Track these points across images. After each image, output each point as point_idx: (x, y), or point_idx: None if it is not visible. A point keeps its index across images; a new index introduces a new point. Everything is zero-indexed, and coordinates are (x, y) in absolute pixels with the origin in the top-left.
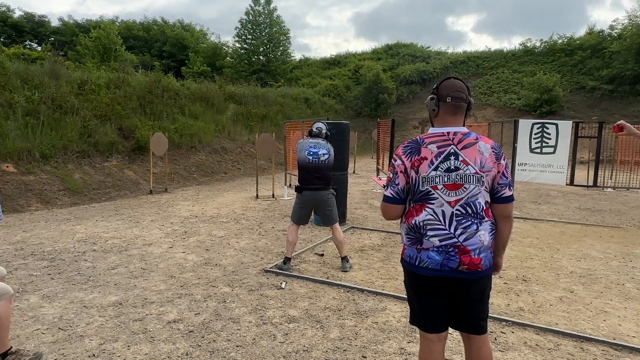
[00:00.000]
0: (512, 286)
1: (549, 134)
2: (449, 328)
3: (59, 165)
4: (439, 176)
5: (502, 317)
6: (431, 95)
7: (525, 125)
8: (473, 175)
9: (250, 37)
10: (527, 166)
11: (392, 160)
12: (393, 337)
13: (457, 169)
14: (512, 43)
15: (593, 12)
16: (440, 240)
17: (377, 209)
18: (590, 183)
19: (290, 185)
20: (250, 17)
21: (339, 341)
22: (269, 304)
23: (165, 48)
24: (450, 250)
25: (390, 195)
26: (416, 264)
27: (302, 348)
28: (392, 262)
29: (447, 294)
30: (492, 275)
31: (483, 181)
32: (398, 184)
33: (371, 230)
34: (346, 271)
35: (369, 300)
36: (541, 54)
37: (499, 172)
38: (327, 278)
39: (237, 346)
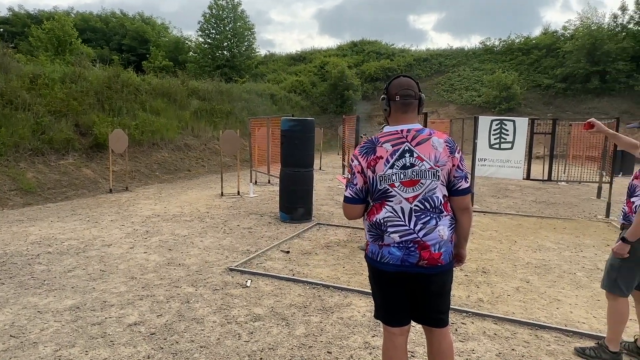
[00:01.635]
0: (473, 278)
1: (507, 131)
2: (412, 321)
3: (10, 164)
4: (396, 174)
5: (463, 309)
6: (382, 95)
7: (484, 122)
8: (428, 171)
9: (214, 31)
10: (487, 161)
11: (350, 161)
12: (358, 331)
13: (412, 165)
14: (471, 42)
15: (545, 14)
16: (400, 237)
17: (340, 206)
18: (546, 177)
19: (256, 182)
20: (214, 11)
21: (304, 338)
22: (234, 303)
23: (125, 41)
24: (410, 245)
25: (350, 196)
26: (378, 259)
27: (268, 346)
28: (358, 257)
29: (409, 288)
30: (455, 267)
31: (439, 175)
32: (356, 184)
33: (337, 226)
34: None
35: (334, 296)
36: (500, 53)
37: (453, 165)
38: (293, 275)
39: (201, 347)
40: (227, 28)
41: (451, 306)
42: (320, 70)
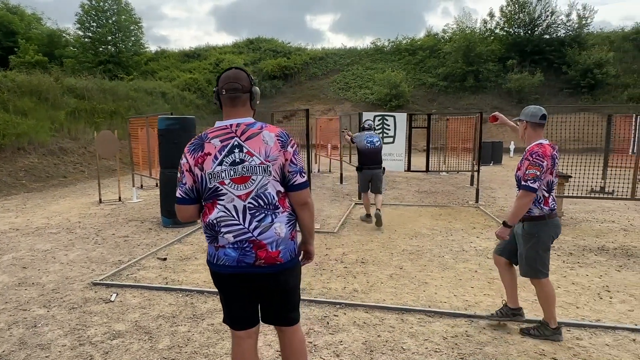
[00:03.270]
0: (351, 269)
1: (389, 125)
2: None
3: None
4: (225, 171)
5: (337, 301)
6: (214, 89)
7: (368, 117)
8: (259, 166)
9: (94, 24)
10: None
11: (180, 159)
12: (227, 337)
13: (242, 161)
14: (365, 42)
15: (429, 18)
16: (234, 237)
17: None
18: (427, 169)
19: (142, 186)
20: (94, 3)
21: (167, 351)
22: (92, 322)
23: None
24: (245, 245)
25: (180, 196)
26: (215, 262)
27: None
28: None
29: (251, 289)
30: (304, 264)
31: (270, 171)
32: (185, 184)
33: None
34: (379, 225)
35: (207, 301)
36: (389, 53)
37: (286, 160)
38: (166, 284)
39: None
40: (110, 21)
41: (326, 299)
42: (216, 68)
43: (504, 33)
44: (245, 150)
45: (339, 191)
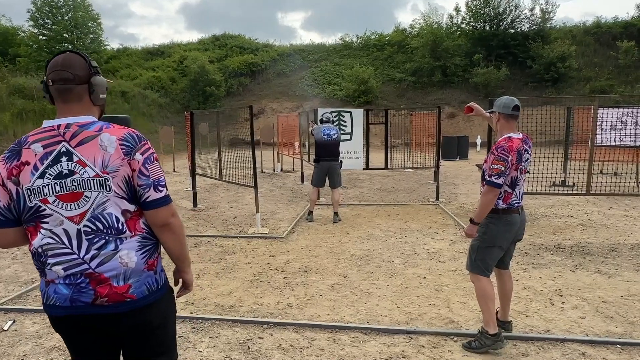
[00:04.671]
0: (291, 280)
1: (345, 122)
2: None
3: None
4: (49, 185)
5: (264, 320)
6: (42, 80)
7: (324, 113)
8: (93, 180)
9: (49, 21)
10: None
11: None
12: None
13: (71, 173)
14: (335, 39)
15: (399, 15)
16: (65, 269)
17: (181, 211)
18: (386, 166)
19: None
20: None
21: None
22: None
23: None
24: (79, 280)
25: None
26: (45, 301)
27: None
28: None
29: (98, 334)
30: (179, 295)
31: (109, 186)
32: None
33: None
34: (336, 222)
35: None
36: (358, 49)
37: (133, 170)
38: None
39: None
40: (66, 17)
41: (252, 319)
42: (180, 65)
43: (470, 28)
44: (75, 159)
45: (298, 191)
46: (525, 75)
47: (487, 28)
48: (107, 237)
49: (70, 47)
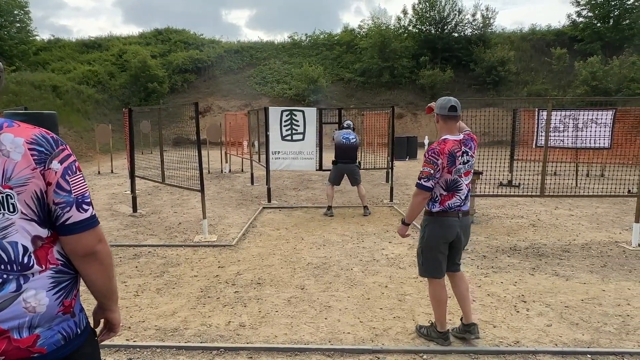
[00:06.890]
0: (243, 294)
1: (297, 121)
2: None
3: None
4: None
5: (213, 345)
6: None
7: (274, 113)
8: None
9: None
10: (281, 154)
11: None
12: None
13: None
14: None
15: (343, 16)
16: None
17: (118, 217)
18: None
19: None
20: None
21: None
22: None
23: None
24: None
25: None
26: None
27: None
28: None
29: None
30: (105, 339)
31: (12, 204)
32: None
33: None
34: (366, 216)
35: None
36: (307, 47)
37: (49, 183)
38: None
39: None
40: None
41: (198, 344)
42: (119, 60)
43: (417, 30)
44: None
45: (248, 194)
46: (468, 77)
47: (433, 31)
48: (5, 275)
49: None
